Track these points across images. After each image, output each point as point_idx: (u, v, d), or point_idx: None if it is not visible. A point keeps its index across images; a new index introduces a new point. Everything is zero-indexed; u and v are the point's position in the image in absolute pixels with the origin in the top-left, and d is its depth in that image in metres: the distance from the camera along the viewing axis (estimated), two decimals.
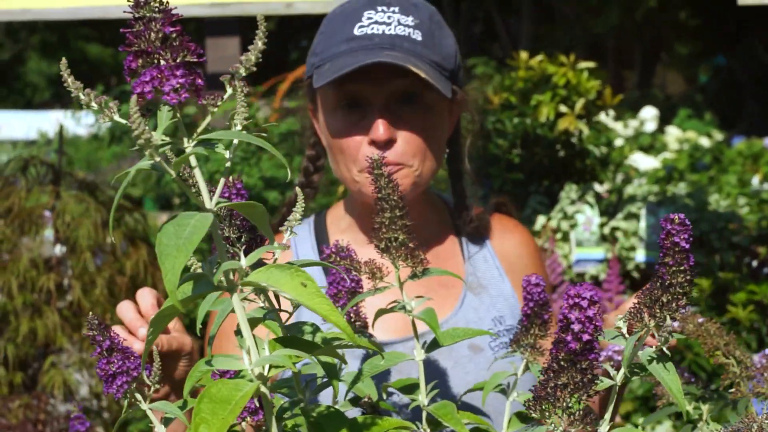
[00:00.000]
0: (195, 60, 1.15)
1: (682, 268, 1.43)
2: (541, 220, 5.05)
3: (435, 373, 2.00)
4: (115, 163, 11.52)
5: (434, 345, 1.61)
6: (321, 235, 2.14)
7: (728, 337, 1.80)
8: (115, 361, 1.42)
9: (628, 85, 24.08)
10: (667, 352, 1.48)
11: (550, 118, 5.14)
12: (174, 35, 1.14)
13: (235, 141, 1.22)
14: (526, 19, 23.61)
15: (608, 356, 1.79)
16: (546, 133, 5.18)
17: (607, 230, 5.15)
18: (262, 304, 1.38)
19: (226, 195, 1.42)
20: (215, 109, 1.18)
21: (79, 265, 4.40)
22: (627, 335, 1.47)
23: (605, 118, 12.42)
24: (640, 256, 5.03)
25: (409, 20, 1.96)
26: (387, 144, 1.93)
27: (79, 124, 9.66)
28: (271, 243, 1.28)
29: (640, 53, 22.60)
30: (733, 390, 1.75)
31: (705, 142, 11.62)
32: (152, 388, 1.44)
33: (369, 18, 1.95)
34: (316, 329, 1.42)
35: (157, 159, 1.11)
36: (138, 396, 1.45)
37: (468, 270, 2.13)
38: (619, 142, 11.94)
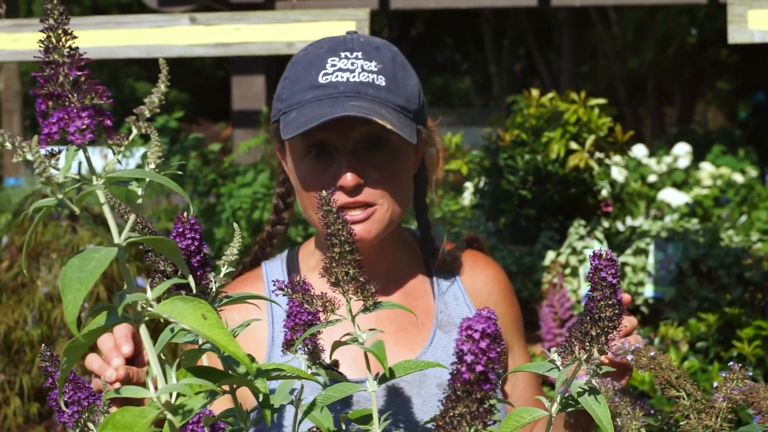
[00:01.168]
0: (102, 102, 1.21)
1: (610, 302, 1.47)
2: (550, 255, 5.08)
3: (406, 411, 2.05)
4: (153, 198, 11.68)
5: (386, 378, 1.65)
6: (292, 270, 2.18)
7: (679, 370, 1.84)
8: (67, 391, 1.49)
9: (669, 122, 24.02)
10: (595, 384, 1.53)
11: (560, 154, 5.17)
12: (82, 78, 1.21)
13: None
14: (566, 56, 23.63)
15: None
16: (557, 170, 5.21)
17: None
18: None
19: (180, 230, 1.48)
20: (121, 149, 1.24)
21: (93, 297, 4.49)
22: (561, 367, 1.53)
23: (640, 154, 12.45)
24: (648, 291, 5.04)
25: (373, 65, 1.99)
26: (355, 189, 1.97)
27: (104, 160, 9.74)
28: (185, 277, 1.34)
29: (680, 90, 22.53)
30: (683, 422, 1.78)
31: (739, 178, 11.59)
32: (102, 417, 1.50)
33: (333, 65, 1.98)
34: (252, 359, 1.48)
35: (60, 196, 1.18)
36: (90, 425, 1.51)
37: (439, 308, 2.15)
38: (652, 178, 11.96)
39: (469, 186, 7.06)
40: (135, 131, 1.26)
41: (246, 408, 2.10)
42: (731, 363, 1.70)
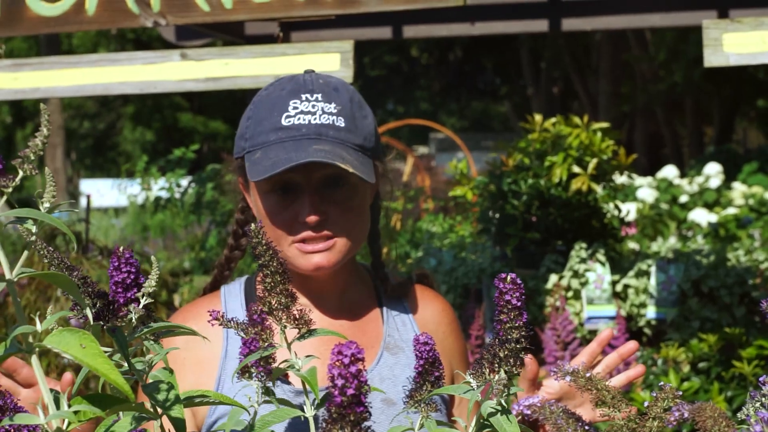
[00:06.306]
0: None
1: (516, 324, 1.52)
2: (553, 278, 5.12)
3: None
4: (189, 228, 11.83)
5: (324, 401, 1.71)
6: (250, 295, 2.27)
7: (614, 390, 1.88)
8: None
9: (708, 141, 23.90)
10: (504, 404, 1.58)
11: (563, 178, 5.21)
12: None
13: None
14: (604, 77, 23.60)
15: (519, 410, 1.86)
16: (560, 194, 5.25)
17: (620, 287, 5.20)
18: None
19: (116, 264, 1.56)
20: (9, 190, 1.31)
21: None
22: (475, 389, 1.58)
23: (670, 175, 12.41)
24: (650, 312, 5.07)
25: (332, 107, 2.08)
26: (317, 225, 2.08)
27: (123, 193, 9.82)
28: (83, 308, 1.41)
29: (719, 109, 22.43)
30: None
31: None
32: None
33: (295, 107, 2.06)
34: (170, 387, 1.55)
35: None
36: None
37: (386, 332, 2.25)
38: (684, 199, 11.91)
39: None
40: (21, 173, 1.32)
41: (197, 423, 2.18)
42: (661, 383, 1.74)
